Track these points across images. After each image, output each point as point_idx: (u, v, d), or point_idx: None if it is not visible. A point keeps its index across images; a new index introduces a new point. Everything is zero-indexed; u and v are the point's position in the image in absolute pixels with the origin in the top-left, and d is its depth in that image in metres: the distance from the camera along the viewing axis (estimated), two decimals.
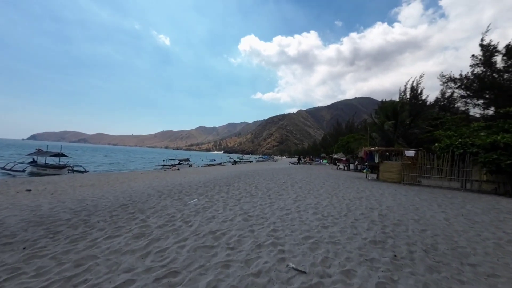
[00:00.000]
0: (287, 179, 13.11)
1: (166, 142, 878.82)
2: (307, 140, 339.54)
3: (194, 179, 13.49)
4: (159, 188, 9.63)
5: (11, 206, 6.46)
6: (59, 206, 6.31)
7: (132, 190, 9.28)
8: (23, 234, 4.26)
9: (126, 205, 6.30)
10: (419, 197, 8.21)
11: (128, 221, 4.84)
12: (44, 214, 5.46)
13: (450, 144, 12.29)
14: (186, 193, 8.21)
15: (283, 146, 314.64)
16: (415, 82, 25.49)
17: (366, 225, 4.47)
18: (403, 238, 3.76)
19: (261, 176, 14.61)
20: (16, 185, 11.01)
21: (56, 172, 19.20)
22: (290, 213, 5.30)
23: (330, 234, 3.86)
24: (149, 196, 7.78)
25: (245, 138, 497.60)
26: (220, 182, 11.39)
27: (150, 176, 16.24)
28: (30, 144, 38.61)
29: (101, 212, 5.61)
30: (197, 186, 9.96)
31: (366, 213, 5.45)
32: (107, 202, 6.85)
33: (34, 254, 3.30)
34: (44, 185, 11.03)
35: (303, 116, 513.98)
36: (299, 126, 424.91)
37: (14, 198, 7.82)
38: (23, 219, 5.10)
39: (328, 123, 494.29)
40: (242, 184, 10.78)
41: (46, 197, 7.79)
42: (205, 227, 4.33)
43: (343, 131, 65.39)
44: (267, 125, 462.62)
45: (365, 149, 15.54)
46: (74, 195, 8.29)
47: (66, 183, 12.12)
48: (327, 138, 76.92)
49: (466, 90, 22.84)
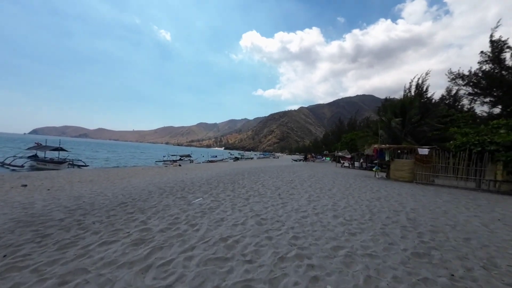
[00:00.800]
0: (294, 177, 12.56)
1: (167, 138, 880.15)
2: (308, 138, 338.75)
3: (196, 176, 12.97)
4: (161, 185, 9.11)
5: (2, 203, 5.95)
6: (53, 204, 5.79)
7: (132, 187, 8.77)
8: (8, 237, 3.73)
9: (125, 204, 5.77)
10: (440, 198, 7.63)
11: (127, 223, 4.30)
12: (36, 213, 4.94)
13: (467, 141, 11.66)
14: (189, 191, 7.68)
15: (284, 143, 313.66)
16: (420, 80, 24.79)
17: (398, 232, 3.90)
18: (450, 250, 3.19)
19: (265, 174, 14.06)
20: (12, 180, 10.51)
21: (56, 167, 18.72)
22: (307, 216, 4.73)
23: (362, 244, 3.30)
24: (150, 193, 7.26)
25: (245, 134, 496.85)
26: (224, 179, 10.86)
27: (151, 172, 15.74)
28: (32, 138, 38.25)
29: (97, 212, 5.09)
30: (200, 183, 9.43)
31: (392, 217, 4.88)
32: (105, 199, 6.33)
33: (14, 265, 2.76)
34: (41, 180, 10.53)
35: (304, 113, 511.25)
36: (300, 123, 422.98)
37: (7, 194, 7.32)
38: (12, 218, 4.58)
39: (329, 121, 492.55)
40: (248, 181, 10.24)
41: (41, 193, 7.28)
42: (214, 232, 3.78)
43: (345, 129, 64.66)
44: (268, 122, 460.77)
45: (376, 147, 14.92)
46: (71, 191, 7.78)
47: (64, 178, 11.62)
48: (329, 135, 76.16)
49: (474, 87, 22.13)
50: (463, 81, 22.57)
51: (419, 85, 24.75)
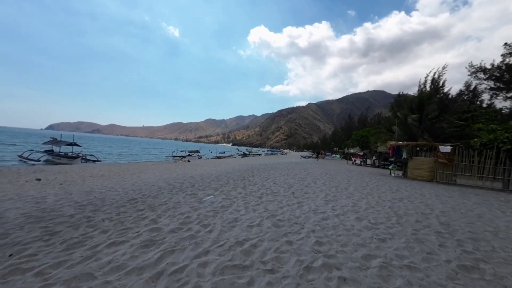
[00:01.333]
0: (305, 175, 12.15)
1: (175, 134, 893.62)
2: (317, 134, 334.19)
3: (205, 172, 12.81)
4: (170, 181, 8.97)
5: (16, 196, 5.94)
6: (65, 199, 5.71)
7: (143, 182, 8.67)
8: (16, 234, 3.60)
9: (135, 200, 5.61)
10: (469, 200, 7.04)
11: (137, 221, 4.11)
12: (47, 208, 4.84)
13: (495, 139, 10.81)
14: (199, 187, 7.47)
15: (292, 139, 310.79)
16: (436, 74, 23.40)
17: (434, 238, 3.48)
18: (501, 263, 2.76)
19: (276, 170, 13.72)
20: (28, 174, 10.71)
21: (70, 162, 19.15)
22: (328, 218, 4.37)
23: (396, 252, 2.92)
24: (159, 189, 7.10)
25: (253, 131, 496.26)
26: (233, 176, 10.61)
27: (160, 168, 15.75)
28: (48, 133, 39.87)
29: (107, 208, 4.94)
30: (209, 180, 9.22)
31: (422, 221, 4.44)
32: (116, 195, 6.21)
33: (18, 266, 2.58)
34: (55, 175, 10.67)
35: (313, 109, 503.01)
36: (308, 120, 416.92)
37: (22, 187, 7.36)
38: (24, 213, 4.49)
39: (339, 117, 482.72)
40: (258, 178, 9.94)
41: (54, 188, 7.28)
42: (229, 233, 3.50)
43: (355, 125, 63.04)
44: (276, 118, 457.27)
45: (392, 144, 14.20)
46: (82, 186, 7.75)
47: (76, 173, 11.75)
48: (339, 132, 74.59)
49: (497, 81, 20.74)
50: (485, 74, 21.22)
51: (435, 79, 23.42)
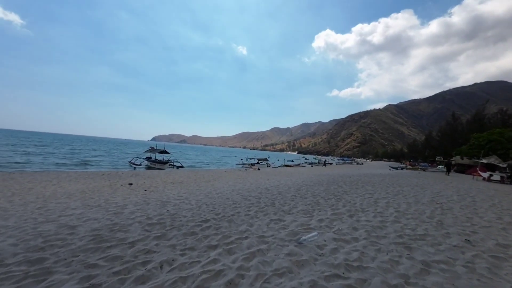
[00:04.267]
0: (426, 194, 8.48)
1: (244, 143, 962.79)
2: (399, 140, 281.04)
3: (280, 182, 11.16)
4: (244, 193, 7.75)
5: (104, 203, 5.98)
6: (141, 211, 5.22)
7: (216, 193, 7.83)
8: (58, 270, 2.81)
9: (207, 222, 4.43)
10: None
11: (204, 266, 2.69)
12: (118, 224, 4.22)
13: None
14: (281, 207, 5.75)
15: (366, 147, 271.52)
16: None
17: None
18: None
19: (372, 186, 10.47)
20: (126, 178, 12.15)
21: (161, 167, 22.09)
22: None
23: None
24: (235, 206, 5.85)
25: (320, 138, 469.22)
26: (317, 191, 8.42)
27: (233, 176, 15.36)
28: (151, 143, 50.81)
29: (176, 231, 3.91)
30: (290, 195, 7.41)
31: None
32: (188, 210, 5.32)
33: None
34: (144, 179, 11.62)
35: (392, 112, 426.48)
36: (387, 124, 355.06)
37: (115, 192, 7.80)
38: (95, 228, 3.96)
39: (430, 119, 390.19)
40: (358, 197, 7.32)
41: (137, 195, 7.34)
42: None
43: (462, 127, 47.50)
44: (346, 124, 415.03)
45: None
46: (161, 194, 7.58)
47: (161, 178, 12.60)
48: (438, 136, 58.16)
49: None
50: None
51: None
